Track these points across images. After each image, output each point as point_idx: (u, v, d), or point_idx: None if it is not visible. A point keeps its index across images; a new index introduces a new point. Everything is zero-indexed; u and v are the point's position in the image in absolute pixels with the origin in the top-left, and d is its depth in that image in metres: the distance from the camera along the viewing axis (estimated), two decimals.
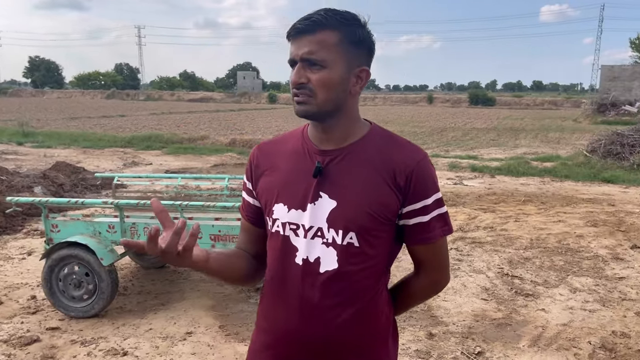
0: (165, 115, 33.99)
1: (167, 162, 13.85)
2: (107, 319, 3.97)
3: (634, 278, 4.88)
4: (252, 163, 1.40)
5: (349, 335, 1.28)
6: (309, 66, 1.21)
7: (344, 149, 1.28)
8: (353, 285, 1.27)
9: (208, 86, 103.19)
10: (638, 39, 41.29)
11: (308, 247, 1.26)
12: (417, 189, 1.25)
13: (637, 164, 11.67)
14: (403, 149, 1.29)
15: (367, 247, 1.26)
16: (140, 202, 3.91)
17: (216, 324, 3.88)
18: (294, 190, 1.29)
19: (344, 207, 1.24)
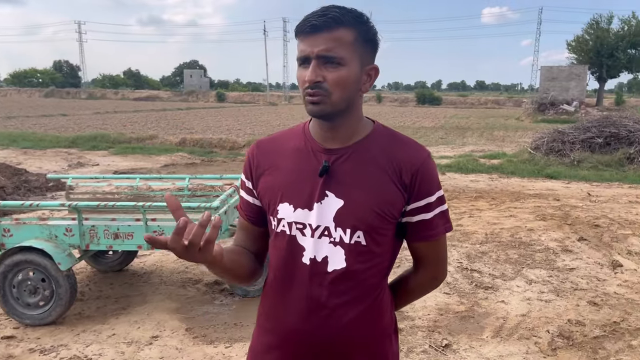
0: (110, 115, 32.93)
1: (115, 162, 13.43)
2: (65, 325, 3.82)
3: (583, 269, 5.13)
4: (252, 161, 1.37)
5: (357, 333, 1.29)
6: (324, 64, 1.19)
7: (350, 148, 1.28)
8: (360, 283, 1.27)
9: (154, 84, 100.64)
10: (574, 41, 43.23)
11: (315, 247, 1.25)
12: (422, 186, 1.27)
13: (577, 160, 12.25)
14: (408, 147, 1.30)
15: (374, 246, 1.26)
16: (100, 204, 3.77)
17: (182, 326, 3.81)
18: (300, 189, 1.27)
19: (351, 206, 1.24)
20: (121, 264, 4.95)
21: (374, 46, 1.26)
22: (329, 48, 1.17)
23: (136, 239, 3.86)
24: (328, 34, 1.18)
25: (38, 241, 3.76)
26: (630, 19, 40.59)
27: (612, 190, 9.33)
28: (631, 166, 11.71)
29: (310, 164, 1.28)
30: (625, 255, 5.51)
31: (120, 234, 3.84)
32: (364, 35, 1.22)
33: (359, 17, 1.21)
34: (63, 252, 3.77)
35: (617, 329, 3.83)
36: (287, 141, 1.36)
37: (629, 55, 40.16)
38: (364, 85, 1.26)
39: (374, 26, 1.24)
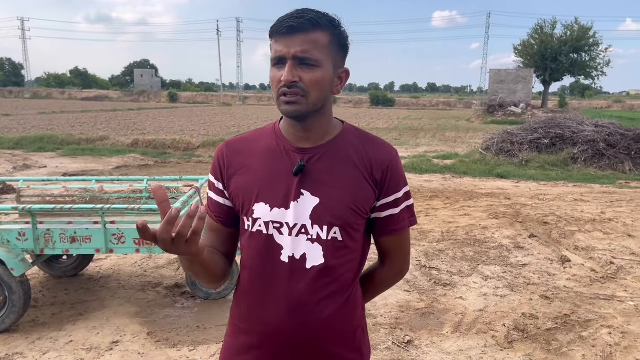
0: (57, 115, 31.79)
1: (63, 164, 13.00)
2: (19, 333, 3.68)
3: (534, 264, 5.34)
4: (222, 162, 1.36)
5: (336, 328, 1.32)
6: (300, 65, 1.21)
7: (322, 147, 1.31)
8: (337, 279, 1.30)
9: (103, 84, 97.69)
10: (520, 45, 44.78)
11: (293, 244, 1.27)
12: (391, 183, 1.32)
13: (526, 160, 12.71)
14: (377, 146, 1.34)
15: (350, 241, 1.30)
16: (57, 207, 3.65)
17: (144, 330, 3.73)
18: (275, 189, 1.29)
19: (327, 203, 1.27)
20: (76, 268, 4.81)
21: (345, 50, 1.30)
22: (305, 50, 1.20)
23: (94, 243, 3.76)
24: (304, 36, 1.20)
25: None
26: (572, 24, 42.39)
27: (559, 189, 9.74)
28: (575, 166, 12.25)
29: (284, 164, 1.30)
30: (572, 251, 5.77)
31: (77, 238, 3.73)
32: (337, 39, 1.25)
33: (333, 21, 1.25)
34: (16, 258, 3.63)
35: (568, 321, 4.01)
36: (257, 141, 1.37)
37: (571, 60, 41.87)
38: (336, 87, 1.29)
39: (346, 31, 1.28)
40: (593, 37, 41.75)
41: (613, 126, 13.56)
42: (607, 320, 4.05)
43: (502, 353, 3.53)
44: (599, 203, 8.32)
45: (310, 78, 1.21)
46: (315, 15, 1.21)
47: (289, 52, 1.20)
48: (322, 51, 1.22)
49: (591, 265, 5.32)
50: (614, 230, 6.62)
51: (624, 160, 12.11)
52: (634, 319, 4.06)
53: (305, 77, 1.21)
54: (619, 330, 3.86)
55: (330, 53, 1.24)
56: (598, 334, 3.81)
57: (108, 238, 3.75)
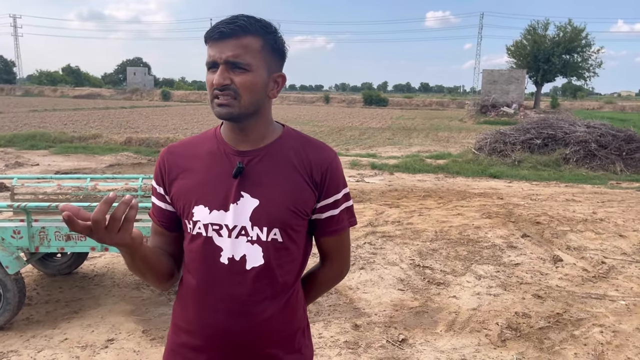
0: (49, 113, 31.60)
1: (56, 162, 12.95)
2: (13, 331, 3.67)
3: (527, 264, 5.39)
4: (163, 167, 1.38)
5: (275, 329, 1.34)
6: (232, 69, 1.23)
7: (262, 150, 1.33)
8: (278, 280, 1.32)
9: (95, 82, 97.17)
10: (513, 46, 44.98)
11: (233, 246, 1.29)
12: (330, 184, 1.35)
13: (518, 160, 12.80)
14: (317, 148, 1.37)
15: (290, 242, 1.32)
16: (52, 205, 3.64)
17: (139, 328, 3.73)
18: (214, 191, 1.30)
19: (266, 205, 1.29)
20: (70, 266, 4.80)
21: (281, 55, 1.32)
22: (236, 54, 1.23)
23: (89, 241, 3.75)
24: (235, 41, 1.23)
25: None
26: (565, 25, 42.64)
27: (551, 189, 9.82)
28: (567, 166, 12.35)
29: (224, 166, 1.32)
30: (565, 251, 5.82)
31: (72, 236, 3.73)
32: (271, 44, 1.28)
33: (267, 27, 1.27)
34: (11, 255, 3.62)
35: (560, 320, 4.06)
36: (198, 145, 1.38)
37: (563, 61, 42.14)
38: (271, 91, 1.32)
39: (282, 37, 1.31)
40: (585, 38, 42.05)
41: (604, 127, 13.67)
42: (598, 319, 4.09)
43: (495, 351, 3.56)
44: (590, 203, 8.39)
45: (241, 81, 1.24)
46: (247, 21, 1.24)
47: (220, 57, 1.23)
48: (254, 56, 1.24)
49: (583, 264, 5.37)
50: (606, 230, 6.68)
51: (615, 160, 12.22)
52: (625, 318, 4.11)
53: (236, 80, 1.23)
54: (610, 329, 3.91)
55: (264, 57, 1.27)
56: (590, 333, 3.85)
57: None
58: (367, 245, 5.79)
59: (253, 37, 1.24)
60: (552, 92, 72.49)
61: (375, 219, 7.02)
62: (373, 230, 6.44)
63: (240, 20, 1.23)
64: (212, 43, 1.25)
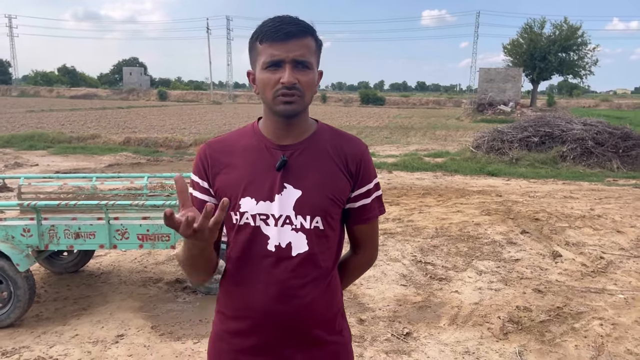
0: (45, 113, 31.58)
1: (55, 162, 12.98)
2: (24, 328, 3.73)
3: (527, 259, 5.47)
4: (206, 162, 1.44)
5: (318, 311, 1.42)
6: (298, 68, 1.31)
7: (302, 144, 1.41)
8: (320, 265, 1.41)
9: (91, 82, 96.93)
10: (510, 44, 45.11)
11: (279, 234, 1.37)
12: (364, 174, 1.45)
13: (516, 158, 12.88)
14: (350, 141, 1.47)
15: (329, 230, 1.41)
16: (61, 203, 3.70)
17: (147, 324, 3.80)
18: (259, 183, 1.38)
19: (308, 195, 1.37)
20: (77, 265, 4.85)
21: (320, 54, 1.42)
22: (302, 54, 1.31)
23: (98, 238, 3.81)
24: (300, 41, 1.31)
25: None
26: (561, 24, 42.75)
27: (548, 187, 9.90)
28: (564, 163, 12.44)
29: (267, 160, 1.40)
30: (563, 246, 5.91)
31: (81, 234, 3.79)
32: (319, 44, 1.39)
33: (314, 29, 1.37)
34: (21, 253, 3.68)
35: (560, 314, 4.14)
36: (237, 141, 1.46)
37: (559, 59, 42.28)
38: (316, 87, 1.41)
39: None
40: (581, 36, 42.17)
41: (601, 125, 13.76)
42: (598, 312, 4.17)
43: (498, 344, 3.64)
44: (588, 200, 8.48)
45: (306, 80, 1.32)
46: (304, 23, 1.33)
47: (287, 56, 1.30)
48: (312, 55, 1.34)
49: (582, 260, 5.45)
50: (603, 227, 6.77)
51: (612, 158, 12.31)
52: (624, 311, 4.19)
53: (302, 79, 1.32)
54: (609, 322, 3.99)
55: (316, 57, 1.37)
56: (590, 326, 3.93)
57: (112, 234, 3.81)
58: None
59: (311, 37, 1.34)
60: (549, 90, 72.80)
61: None
62: None
63: (300, 22, 1.33)
64: (276, 43, 1.30)
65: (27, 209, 3.78)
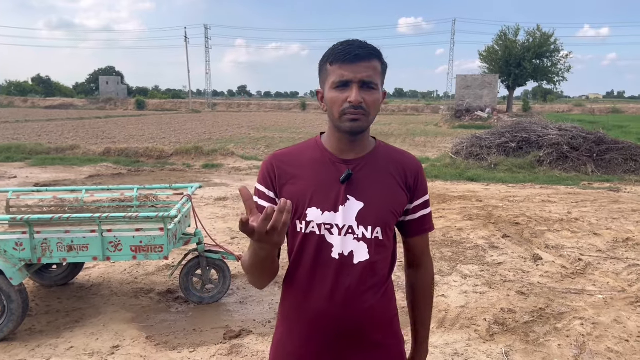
0: (21, 124, 31.10)
1: (34, 174, 12.82)
2: (17, 341, 3.74)
3: (509, 263, 5.63)
4: (273, 173, 1.53)
5: (376, 316, 1.52)
6: (364, 89, 1.41)
7: (363, 159, 1.52)
8: (378, 273, 1.51)
9: (67, 92, 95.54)
10: (485, 51, 45.94)
11: (343, 243, 1.47)
12: (421, 187, 1.56)
13: (495, 164, 13.16)
14: (406, 156, 1.59)
15: (387, 240, 1.51)
16: (55, 217, 3.73)
17: (142, 335, 3.84)
18: (325, 195, 1.48)
19: (370, 207, 1.47)
20: (66, 277, 4.86)
21: (385, 75, 1.53)
22: (369, 75, 1.41)
23: (91, 251, 3.85)
24: (368, 63, 1.41)
25: None
26: (535, 31, 43.74)
27: (527, 191, 10.15)
28: (541, 168, 12.75)
29: (331, 173, 1.49)
30: (544, 249, 6.09)
31: (74, 246, 3.82)
32: (383, 67, 1.48)
33: (380, 52, 1.47)
34: (14, 267, 3.70)
35: (543, 315, 4.29)
36: (302, 154, 1.56)
37: (534, 65, 43.20)
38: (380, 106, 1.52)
39: None
40: (554, 43, 43.20)
41: (575, 130, 14.14)
42: (578, 312, 4.34)
43: (485, 345, 3.77)
44: (565, 204, 8.73)
45: (371, 100, 1.43)
46: (372, 47, 1.44)
47: (355, 77, 1.40)
48: (378, 77, 1.44)
49: (561, 262, 5.64)
50: (581, 229, 6.99)
51: (587, 162, 12.66)
52: (603, 311, 4.36)
53: (367, 99, 1.42)
54: (590, 322, 4.15)
55: (381, 78, 1.47)
56: (571, 325, 4.09)
57: (105, 246, 3.84)
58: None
59: (377, 60, 1.44)
60: (524, 96, 74.15)
61: None
62: None
63: (368, 45, 1.43)
64: (345, 64, 1.40)
65: (20, 223, 3.80)
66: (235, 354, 3.57)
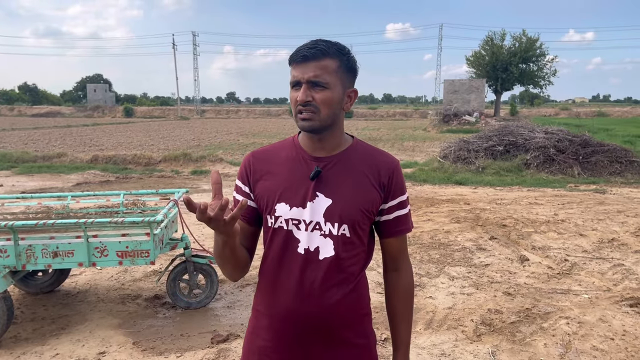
0: (7, 132, 30.86)
1: (20, 182, 12.72)
2: (3, 349, 3.70)
3: (496, 264, 5.67)
4: (249, 169, 1.58)
5: (343, 312, 1.52)
6: (313, 87, 1.43)
7: (335, 157, 1.53)
8: (345, 269, 1.51)
9: (54, 100, 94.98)
10: (472, 56, 46.32)
11: (309, 239, 1.49)
12: (396, 186, 1.55)
13: (482, 167, 13.25)
14: (383, 155, 1.59)
15: (356, 238, 1.52)
16: (39, 223, 3.70)
17: (129, 341, 3.81)
18: (294, 191, 1.50)
19: (338, 204, 1.49)
20: (52, 284, 4.82)
21: (353, 73, 1.52)
22: (316, 75, 1.42)
23: (77, 257, 3.82)
24: (316, 63, 1.43)
25: None
26: (521, 36, 44.20)
27: (514, 194, 10.23)
28: (528, 171, 12.86)
29: (302, 170, 1.52)
30: (530, 250, 6.14)
31: (59, 252, 3.79)
32: (345, 64, 1.48)
33: (342, 50, 1.47)
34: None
35: (529, 314, 4.32)
36: (279, 152, 1.59)
37: (520, 70, 43.62)
38: (345, 105, 1.52)
39: (354, 56, 1.51)
40: (540, 48, 43.66)
41: (562, 133, 14.30)
42: (564, 312, 4.37)
43: (472, 345, 3.79)
44: (551, 206, 8.81)
45: (320, 97, 1.44)
46: (325, 45, 1.44)
47: (303, 77, 1.43)
48: (331, 75, 1.44)
49: (548, 263, 5.69)
50: (567, 230, 7.05)
51: (573, 164, 12.79)
52: (588, 310, 4.40)
53: (316, 97, 1.43)
54: (575, 321, 4.19)
55: (339, 76, 1.47)
56: (557, 325, 4.12)
57: (91, 252, 3.82)
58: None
59: (331, 59, 1.44)
60: (511, 100, 74.72)
61: None
62: None
63: (320, 45, 1.43)
64: (296, 65, 1.44)
65: (4, 230, 3.76)
66: (222, 357, 3.56)
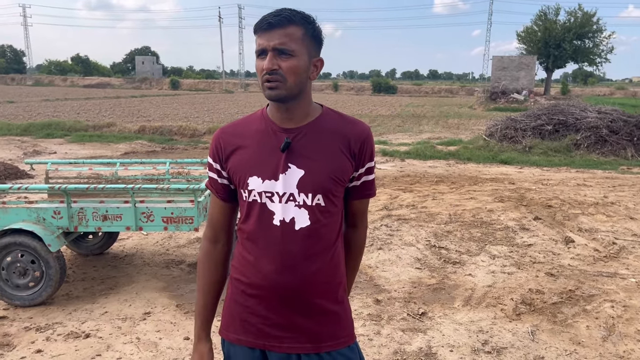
0: (60, 102, 31.94)
1: (72, 150, 13.21)
2: (55, 306, 3.91)
3: (539, 245, 5.55)
4: (219, 145, 1.57)
5: (321, 281, 1.54)
6: (279, 55, 1.41)
7: (305, 127, 1.52)
8: (323, 237, 1.52)
9: (104, 71, 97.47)
10: (524, 32, 44.69)
11: (284, 210, 1.49)
12: (367, 154, 1.55)
13: (529, 147, 12.88)
14: (354, 123, 1.57)
15: (331, 206, 1.52)
16: (90, 187, 3.86)
17: (172, 303, 3.96)
18: (265, 164, 1.50)
19: (311, 174, 1.48)
20: (102, 247, 5.03)
21: (319, 42, 1.51)
22: (282, 42, 1.41)
23: (124, 221, 3.97)
24: (282, 30, 1.41)
25: (27, 224, 3.83)
26: (576, 11, 42.31)
27: (561, 175, 9.93)
28: (578, 152, 12.43)
29: (272, 142, 1.51)
30: (576, 232, 5.98)
31: (108, 216, 3.95)
32: (311, 33, 1.46)
33: (307, 18, 1.46)
34: (52, 234, 3.85)
35: (572, 296, 4.23)
36: (248, 125, 1.58)
37: (574, 46, 41.86)
38: (312, 74, 1.51)
39: (319, 26, 1.50)
40: (596, 23, 41.73)
41: (616, 113, 13.70)
42: (609, 295, 4.26)
43: (511, 324, 3.75)
44: (601, 188, 8.52)
45: (287, 65, 1.42)
46: (290, 13, 1.43)
47: (269, 45, 1.42)
48: (297, 43, 1.43)
49: (594, 245, 5.53)
50: (616, 213, 6.82)
51: (627, 146, 12.27)
52: (635, 294, 4.28)
53: (283, 65, 1.42)
54: (621, 304, 4.08)
55: (305, 44, 1.45)
56: (601, 308, 4.03)
57: (138, 216, 3.96)
58: (383, 227, 5.98)
59: (296, 26, 1.42)
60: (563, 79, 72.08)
61: (390, 203, 7.21)
62: (388, 214, 6.63)
63: (285, 12, 1.42)
64: (261, 33, 1.43)
65: (58, 192, 3.93)
66: None
